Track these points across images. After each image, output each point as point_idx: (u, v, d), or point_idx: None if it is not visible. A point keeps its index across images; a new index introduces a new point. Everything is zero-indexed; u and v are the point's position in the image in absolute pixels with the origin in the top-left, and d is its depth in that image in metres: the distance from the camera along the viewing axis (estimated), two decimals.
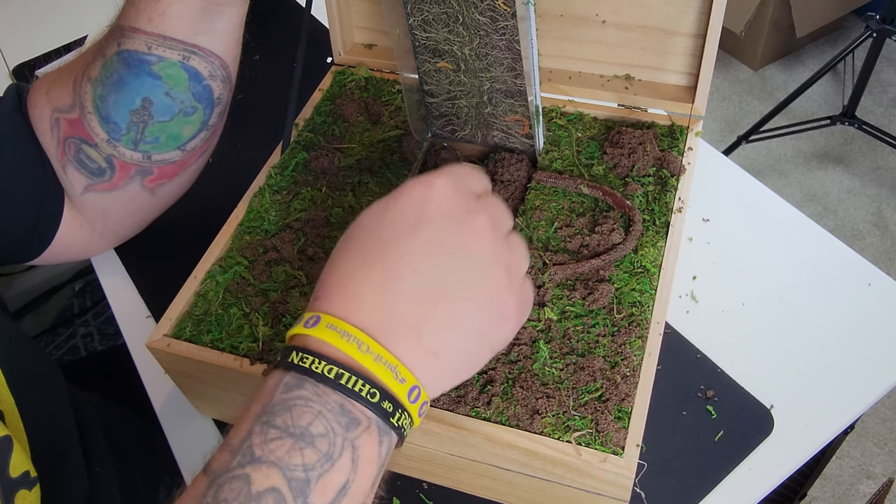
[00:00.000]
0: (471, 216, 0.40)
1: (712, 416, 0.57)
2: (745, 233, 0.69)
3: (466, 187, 0.42)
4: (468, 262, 0.39)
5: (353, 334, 0.37)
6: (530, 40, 0.53)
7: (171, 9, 0.56)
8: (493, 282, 0.40)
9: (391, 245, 0.39)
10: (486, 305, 0.40)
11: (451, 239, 0.39)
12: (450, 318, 0.39)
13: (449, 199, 0.41)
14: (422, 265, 0.39)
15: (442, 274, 0.39)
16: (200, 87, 0.60)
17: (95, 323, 1.12)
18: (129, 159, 0.62)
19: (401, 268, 0.38)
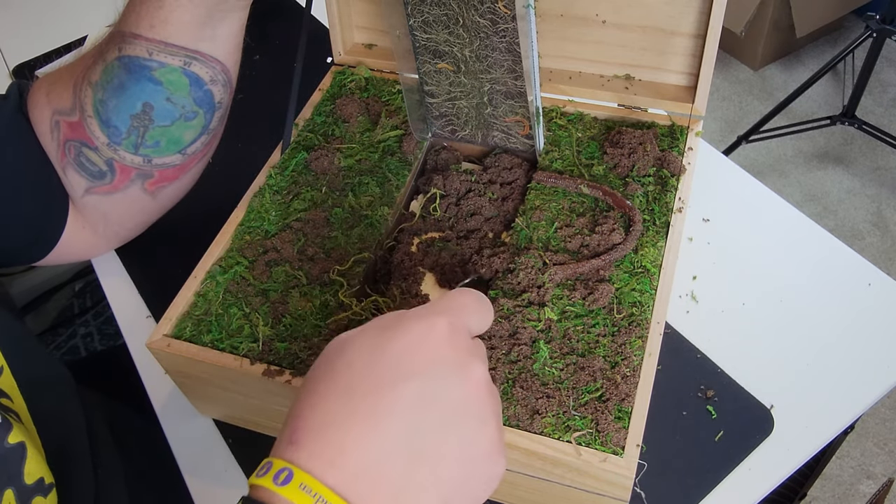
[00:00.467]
0: (470, 365, 0.36)
1: (712, 416, 0.57)
2: (745, 233, 0.69)
3: (466, 328, 0.38)
4: (467, 421, 0.35)
5: (327, 500, 0.31)
6: (530, 42, 0.53)
7: (173, 16, 0.56)
8: (490, 443, 0.36)
9: (383, 394, 0.34)
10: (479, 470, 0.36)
11: (450, 392, 0.35)
12: (432, 483, 0.34)
13: (450, 344, 0.36)
14: (415, 421, 0.34)
15: (435, 432, 0.34)
16: (201, 93, 0.60)
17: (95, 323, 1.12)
18: (130, 163, 0.61)
19: (392, 422, 0.33)
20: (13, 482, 0.47)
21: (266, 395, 0.54)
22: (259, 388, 0.53)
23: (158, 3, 0.56)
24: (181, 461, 0.60)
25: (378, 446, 0.33)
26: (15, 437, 0.48)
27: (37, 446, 0.51)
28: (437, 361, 0.35)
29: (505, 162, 0.65)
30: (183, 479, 0.59)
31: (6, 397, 0.52)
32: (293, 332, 0.53)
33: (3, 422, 0.48)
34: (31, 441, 0.49)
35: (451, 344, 0.36)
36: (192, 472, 0.60)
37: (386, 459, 0.33)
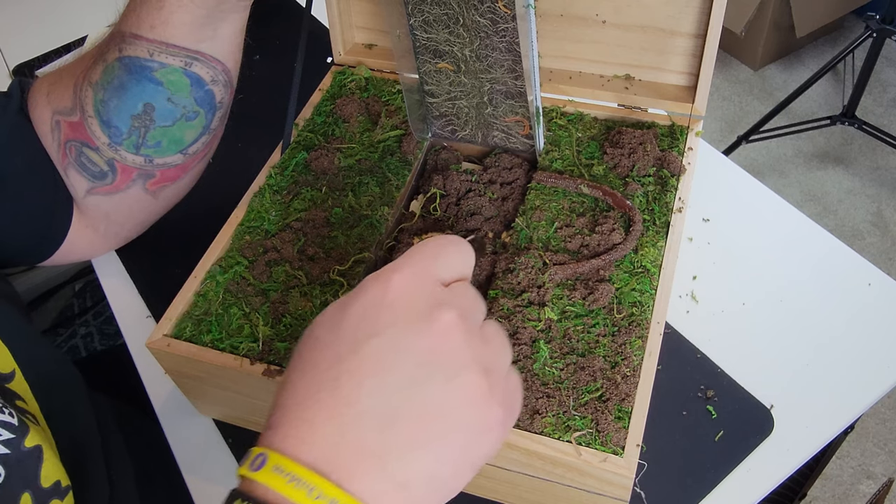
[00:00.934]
0: (435, 313, 0.34)
1: (712, 416, 0.57)
2: (745, 233, 0.69)
3: (432, 275, 0.36)
4: (436, 372, 0.33)
5: (301, 477, 0.31)
6: (530, 43, 0.53)
7: (174, 17, 0.56)
8: (469, 391, 0.33)
9: (345, 360, 0.33)
10: (464, 421, 0.33)
11: (413, 345, 0.33)
12: (419, 442, 0.32)
13: (409, 296, 0.34)
14: (381, 381, 0.32)
15: (405, 389, 0.32)
16: (202, 93, 0.60)
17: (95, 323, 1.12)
18: (131, 163, 0.61)
19: (355, 387, 0.32)
20: (30, 486, 0.47)
21: (266, 395, 0.54)
22: (259, 388, 0.53)
23: (159, 4, 0.56)
24: (181, 461, 0.60)
25: (349, 415, 0.32)
26: (32, 440, 0.48)
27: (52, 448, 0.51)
28: (397, 318, 0.34)
29: (505, 162, 0.65)
30: (183, 479, 0.59)
31: (21, 399, 0.52)
32: (293, 332, 0.53)
33: (20, 424, 0.47)
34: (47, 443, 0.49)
35: (410, 297, 0.34)
36: (192, 472, 0.60)
37: (358, 426, 0.32)
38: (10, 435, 0.47)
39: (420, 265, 0.36)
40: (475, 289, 0.38)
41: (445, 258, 0.37)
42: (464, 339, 0.34)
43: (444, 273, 0.37)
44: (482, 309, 0.37)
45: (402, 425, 0.32)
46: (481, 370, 0.34)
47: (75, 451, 0.54)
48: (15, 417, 0.47)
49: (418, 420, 0.32)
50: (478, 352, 0.34)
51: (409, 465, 0.32)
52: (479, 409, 0.33)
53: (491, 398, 0.34)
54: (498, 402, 0.34)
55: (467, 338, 0.34)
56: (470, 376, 0.33)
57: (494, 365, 0.35)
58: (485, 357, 0.35)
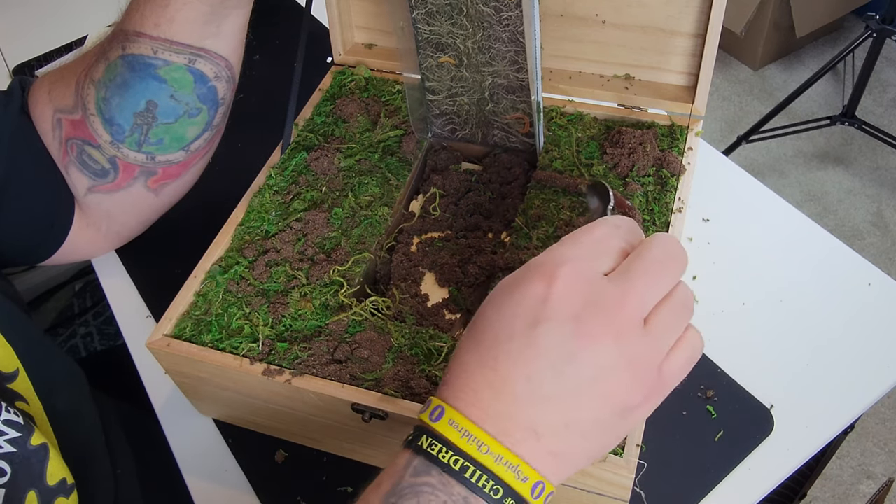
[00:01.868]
0: (591, 318, 0.37)
1: (712, 416, 0.57)
2: (745, 233, 0.69)
3: (593, 272, 0.38)
4: (580, 367, 0.37)
5: (473, 434, 0.36)
6: (534, 31, 0.53)
7: (179, 15, 0.56)
8: (611, 387, 0.37)
9: (505, 345, 0.37)
10: (607, 407, 0.37)
11: (563, 342, 0.37)
12: (568, 423, 0.37)
13: (568, 295, 0.37)
14: (535, 370, 0.37)
15: (555, 379, 0.37)
16: (206, 89, 0.60)
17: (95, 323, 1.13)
18: (133, 160, 0.61)
19: (514, 372, 0.37)
20: (36, 484, 0.47)
21: (266, 395, 0.54)
22: (259, 388, 0.53)
23: (164, 3, 0.55)
24: (181, 461, 0.60)
25: (508, 394, 0.37)
26: (38, 438, 0.48)
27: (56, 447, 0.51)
28: (552, 314, 0.37)
29: (505, 161, 0.65)
30: (183, 478, 0.59)
31: (22, 400, 0.52)
32: (293, 332, 0.53)
33: (26, 423, 0.48)
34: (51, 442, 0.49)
35: (569, 296, 0.37)
36: (192, 472, 0.60)
37: (518, 405, 0.37)
38: (17, 433, 0.47)
39: (584, 261, 0.39)
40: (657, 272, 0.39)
41: (608, 249, 0.39)
42: (612, 341, 0.37)
43: (607, 264, 0.39)
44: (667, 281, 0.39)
45: (553, 409, 0.37)
46: (626, 363, 0.37)
47: (79, 449, 0.55)
48: (20, 416, 0.47)
49: (563, 403, 0.37)
50: (626, 348, 0.37)
51: (558, 440, 0.37)
52: (619, 397, 0.37)
53: (633, 388, 0.37)
54: (642, 391, 0.38)
55: (617, 338, 0.37)
56: (613, 375, 0.37)
57: (647, 356, 0.38)
58: (636, 350, 0.37)
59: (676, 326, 0.39)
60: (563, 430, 0.37)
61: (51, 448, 0.48)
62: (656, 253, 0.39)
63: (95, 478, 0.56)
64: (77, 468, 0.51)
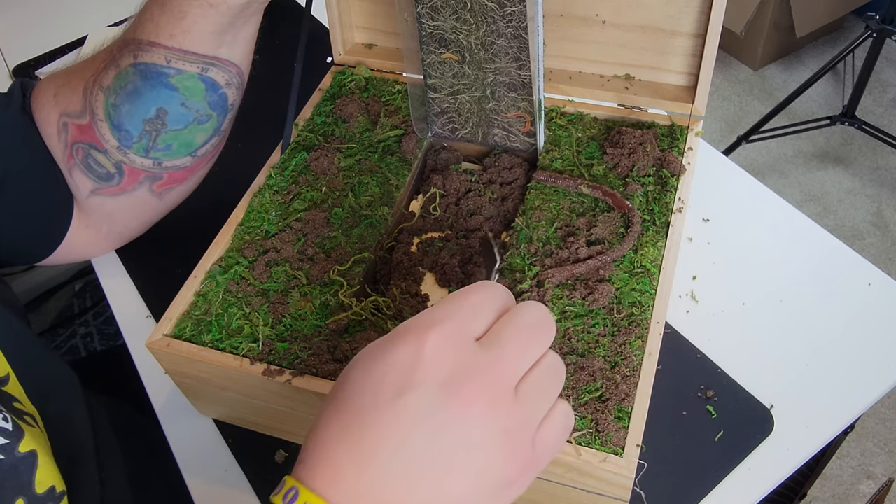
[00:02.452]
0: (463, 384, 0.35)
1: (712, 416, 0.57)
2: (745, 233, 0.69)
3: (465, 335, 0.36)
4: (455, 439, 0.34)
5: None
6: (537, 27, 0.54)
7: (196, 26, 0.55)
8: (485, 458, 0.35)
9: (372, 414, 0.34)
10: (481, 483, 0.35)
11: (436, 414, 0.34)
12: (437, 500, 0.34)
13: (439, 359, 0.35)
14: (403, 442, 0.34)
15: (425, 452, 0.34)
16: (216, 96, 0.60)
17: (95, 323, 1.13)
18: (140, 166, 0.61)
19: (381, 444, 0.34)
20: (24, 492, 0.46)
21: (266, 395, 0.54)
22: (259, 388, 0.53)
23: (181, 14, 0.55)
24: (181, 461, 0.60)
25: (374, 468, 0.34)
26: (26, 445, 0.48)
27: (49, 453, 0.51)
28: (424, 380, 0.35)
29: (505, 161, 0.66)
30: (183, 479, 0.59)
31: (17, 401, 0.52)
32: (293, 332, 0.54)
33: (15, 429, 0.47)
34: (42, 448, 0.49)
35: (440, 360, 0.35)
36: (192, 472, 0.60)
37: (383, 481, 0.34)
38: (4, 440, 0.46)
39: (454, 325, 0.36)
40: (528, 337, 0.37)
41: (481, 314, 0.37)
42: (486, 408, 0.35)
43: (478, 328, 0.37)
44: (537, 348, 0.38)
45: (422, 484, 0.34)
46: (499, 435, 0.35)
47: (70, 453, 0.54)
48: (9, 422, 0.47)
49: (435, 480, 0.34)
50: (500, 418, 0.35)
51: None
52: (495, 473, 0.35)
53: (508, 460, 0.35)
54: (518, 461, 0.35)
55: (490, 406, 0.35)
56: (488, 446, 0.35)
57: (521, 426, 0.36)
58: (509, 420, 0.35)
59: (549, 394, 0.38)
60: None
61: (41, 454, 0.48)
62: (527, 319, 0.37)
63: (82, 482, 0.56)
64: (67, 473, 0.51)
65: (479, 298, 0.38)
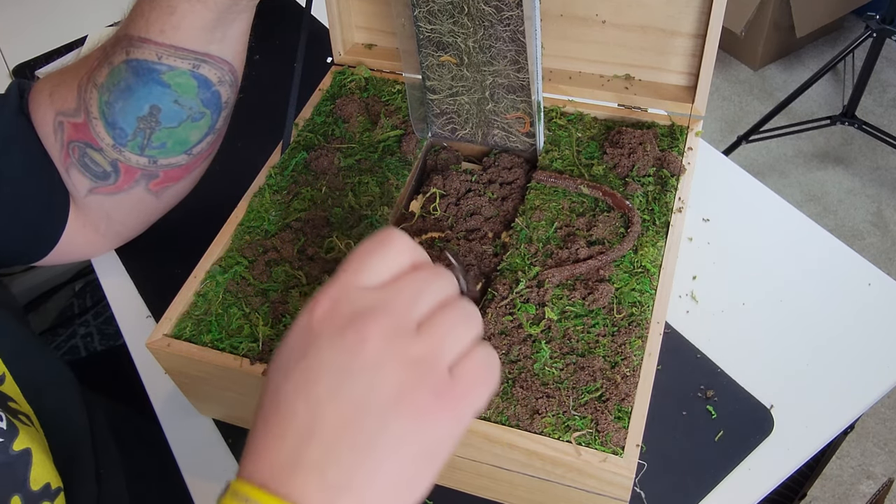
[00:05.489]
0: (353, 324, 0.35)
1: (712, 416, 0.57)
2: (745, 233, 0.69)
3: (354, 287, 0.37)
4: (357, 377, 0.34)
5: (249, 496, 0.33)
6: (534, 31, 0.54)
7: (185, 22, 0.55)
8: (391, 387, 0.34)
9: (283, 387, 0.35)
10: (391, 414, 0.34)
11: (332, 357, 0.35)
12: (351, 443, 0.33)
13: (330, 315, 0.36)
14: (310, 397, 0.34)
15: (330, 398, 0.34)
16: (209, 94, 0.60)
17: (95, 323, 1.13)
18: (135, 164, 0.61)
19: (292, 407, 0.34)
20: (19, 489, 0.47)
21: None
22: (259, 388, 0.53)
23: (170, 9, 0.55)
24: (181, 461, 0.60)
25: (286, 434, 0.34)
26: (21, 443, 0.48)
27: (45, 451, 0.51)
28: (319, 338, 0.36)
29: (505, 162, 0.65)
30: (183, 479, 0.59)
31: (12, 401, 0.52)
32: None
33: (9, 427, 0.47)
34: (38, 446, 0.49)
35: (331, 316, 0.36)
36: (192, 472, 0.60)
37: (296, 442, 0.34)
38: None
39: (342, 279, 0.37)
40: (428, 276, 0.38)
41: (371, 265, 0.38)
42: (383, 340, 0.35)
43: (373, 277, 0.37)
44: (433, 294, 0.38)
45: (333, 432, 0.34)
46: (404, 363, 0.35)
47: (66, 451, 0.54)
48: (4, 421, 0.47)
49: (347, 424, 0.34)
50: (401, 348, 0.35)
51: (347, 468, 0.33)
52: (404, 400, 0.34)
53: (417, 387, 0.35)
54: (429, 389, 0.35)
55: (389, 337, 0.35)
56: (388, 373, 0.34)
57: (427, 356, 0.35)
58: (413, 350, 0.35)
59: (457, 332, 0.37)
60: (350, 456, 0.33)
61: (36, 452, 0.48)
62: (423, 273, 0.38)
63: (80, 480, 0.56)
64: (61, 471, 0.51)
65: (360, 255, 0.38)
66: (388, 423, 0.34)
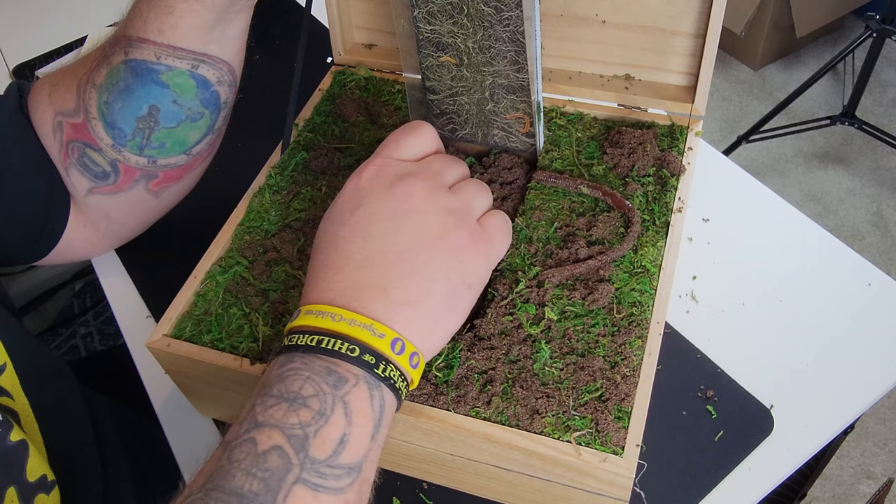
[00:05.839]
0: (400, 181, 0.45)
1: (712, 416, 0.57)
2: (745, 233, 0.69)
3: (396, 158, 0.47)
4: (405, 219, 0.43)
5: (326, 311, 0.41)
6: (534, 31, 0.54)
7: (183, 21, 0.56)
8: (435, 226, 0.44)
9: (340, 233, 0.44)
10: (438, 248, 0.43)
11: (384, 205, 0.44)
12: (407, 270, 0.42)
13: (377, 177, 0.45)
14: (367, 236, 0.43)
15: (385, 236, 0.43)
16: (208, 94, 0.60)
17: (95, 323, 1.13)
18: (134, 164, 0.62)
19: (351, 246, 0.43)
20: (15, 480, 0.47)
21: None
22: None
23: (168, 9, 0.55)
24: (181, 461, 0.60)
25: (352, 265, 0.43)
26: (17, 434, 0.48)
27: (38, 444, 0.51)
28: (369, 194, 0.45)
29: (505, 162, 0.65)
30: (183, 479, 0.59)
31: (7, 395, 0.52)
32: None
33: (4, 420, 0.48)
34: (32, 439, 0.49)
35: (378, 177, 0.46)
36: (192, 473, 0.60)
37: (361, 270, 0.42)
38: None
39: (384, 153, 0.48)
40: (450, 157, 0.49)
41: (406, 144, 0.48)
42: (426, 193, 0.45)
43: (408, 153, 0.48)
44: (456, 170, 0.49)
45: (392, 262, 0.42)
46: (444, 211, 0.45)
47: (65, 445, 0.55)
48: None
49: (401, 255, 0.43)
50: (440, 200, 0.45)
51: (405, 288, 0.42)
52: (447, 237, 0.44)
53: (457, 228, 0.45)
54: (466, 231, 0.45)
55: (430, 192, 0.45)
56: (433, 216, 0.44)
57: (461, 208, 0.46)
58: (449, 203, 0.46)
59: (480, 197, 0.48)
60: (407, 279, 0.42)
61: (31, 445, 0.48)
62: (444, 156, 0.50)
63: (83, 475, 0.56)
64: (62, 465, 0.51)
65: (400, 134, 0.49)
66: (435, 255, 0.43)
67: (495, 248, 0.47)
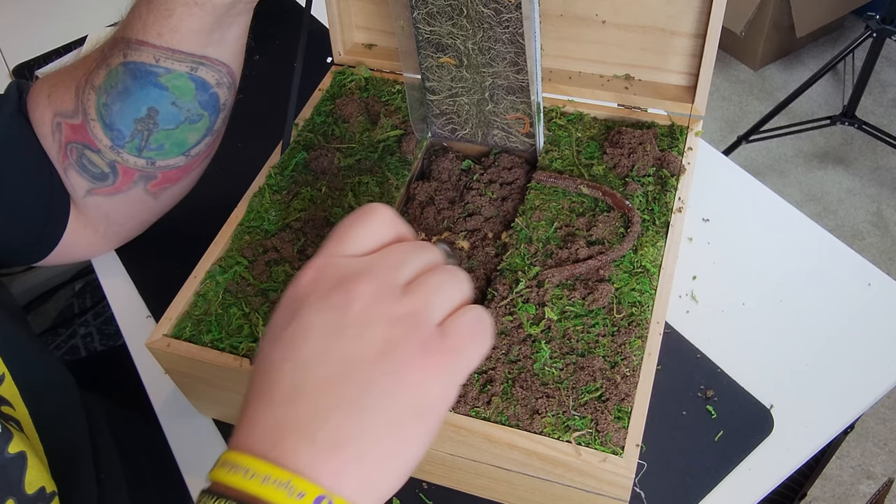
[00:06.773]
0: (341, 285, 0.36)
1: (712, 416, 0.57)
2: (745, 233, 0.69)
3: (340, 255, 0.38)
4: (341, 335, 0.34)
5: (238, 464, 0.33)
6: (533, 33, 0.54)
7: (183, 24, 0.55)
8: (376, 343, 0.34)
9: (269, 354, 0.36)
10: (378, 369, 0.34)
11: (320, 318, 0.35)
12: (338, 401, 0.33)
13: (316, 282, 0.37)
14: (297, 359, 0.34)
15: (318, 358, 0.34)
16: (207, 96, 0.60)
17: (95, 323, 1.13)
18: (133, 165, 0.62)
19: (280, 372, 0.34)
20: (14, 492, 0.47)
21: None
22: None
23: (167, 12, 0.55)
24: (181, 461, 0.60)
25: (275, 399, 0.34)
26: (15, 446, 0.48)
27: (38, 454, 0.50)
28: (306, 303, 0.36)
29: (505, 162, 0.66)
30: (183, 479, 0.59)
31: (7, 405, 0.52)
32: None
33: (4, 431, 0.47)
34: (32, 449, 0.49)
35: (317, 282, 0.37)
36: (192, 472, 0.60)
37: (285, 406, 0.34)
38: None
39: (327, 249, 0.38)
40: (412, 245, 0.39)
41: (355, 235, 0.39)
42: (370, 298, 0.35)
43: (357, 246, 0.38)
44: (418, 260, 0.38)
45: (320, 391, 0.33)
46: (390, 320, 0.35)
47: (64, 454, 0.54)
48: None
49: (334, 383, 0.34)
50: (386, 306, 0.35)
51: (335, 426, 0.33)
52: (390, 354, 0.34)
53: (404, 340, 0.35)
54: (417, 343, 0.35)
55: (375, 296, 0.35)
56: (375, 328, 0.35)
57: (413, 313, 0.36)
58: (398, 308, 0.35)
59: (445, 292, 0.37)
60: (338, 414, 0.33)
61: (30, 456, 0.48)
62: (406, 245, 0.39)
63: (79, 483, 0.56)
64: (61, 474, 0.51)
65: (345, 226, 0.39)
66: (375, 380, 0.34)
67: (461, 358, 0.36)
